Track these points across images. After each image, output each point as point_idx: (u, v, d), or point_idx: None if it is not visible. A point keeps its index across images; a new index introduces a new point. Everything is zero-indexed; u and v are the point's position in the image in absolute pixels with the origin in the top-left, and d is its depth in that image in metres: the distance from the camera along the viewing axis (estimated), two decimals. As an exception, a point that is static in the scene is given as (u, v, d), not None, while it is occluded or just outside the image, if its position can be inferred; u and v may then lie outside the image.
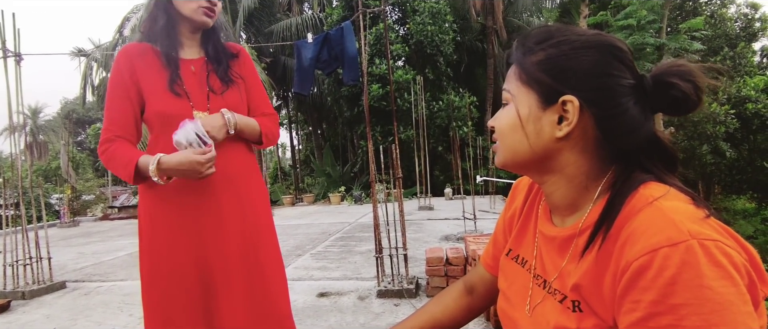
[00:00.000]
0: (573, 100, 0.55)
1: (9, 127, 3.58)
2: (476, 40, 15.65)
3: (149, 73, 1.22)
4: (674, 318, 0.44)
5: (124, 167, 1.15)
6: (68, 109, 32.58)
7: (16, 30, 3.53)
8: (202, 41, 1.32)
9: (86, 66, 17.11)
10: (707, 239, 0.45)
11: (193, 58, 1.29)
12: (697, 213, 0.49)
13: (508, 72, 0.64)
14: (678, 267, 0.45)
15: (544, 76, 0.57)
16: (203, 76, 1.27)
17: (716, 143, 10.57)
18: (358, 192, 11.79)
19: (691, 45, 8.44)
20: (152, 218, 1.20)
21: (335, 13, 12.69)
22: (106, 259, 4.96)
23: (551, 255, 0.63)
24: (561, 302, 0.58)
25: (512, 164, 0.63)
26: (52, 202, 14.71)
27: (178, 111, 1.19)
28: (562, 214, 0.63)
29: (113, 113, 1.21)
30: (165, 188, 1.16)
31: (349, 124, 13.87)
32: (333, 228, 6.53)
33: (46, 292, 3.41)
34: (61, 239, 7.24)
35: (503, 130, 0.63)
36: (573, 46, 0.57)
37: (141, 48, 1.25)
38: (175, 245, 1.19)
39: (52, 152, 23.60)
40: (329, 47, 3.72)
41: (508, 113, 0.62)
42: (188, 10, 1.23)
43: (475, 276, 0.86)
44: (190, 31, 1.28)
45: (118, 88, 1.21)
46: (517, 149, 0.61)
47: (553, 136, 0.57)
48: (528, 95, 0.59)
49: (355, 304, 2.74)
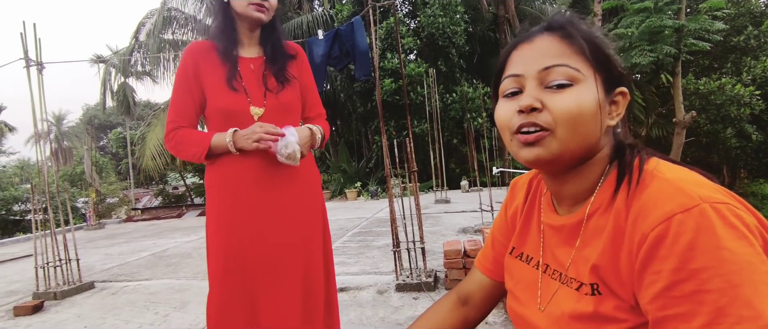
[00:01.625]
0: (626, 92, 0.58)
1: (34, 134, 3.70)
2: (488, 30, 15.46)
3: (211, 70, 1.30)
4: (697, 283, 0.44)
5: (197, 145, 1.25)
6: (90, 114, 33.43)
7: (38, 40, 3.64)
8: (261, 40, 1.37)
9: (105, 72, 17.52)
10: (718, 202, 0.46)
11: (252, 57, 1.35)
12: (700, 178, 0.51)
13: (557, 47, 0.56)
14: (694, 231, 0.45)
15: (613, 64, 0.57)
16: (260, 74, 1.33)
17: (741, 126, 10.24)
18: (374, 187, 11.82)
19: (713, 25, 8.14)
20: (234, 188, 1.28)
21: (345, 9, 12.68)
22: (131, 259, 5.11)
23: (561, 245, 0.63)
24: (578, 289, 0.57)
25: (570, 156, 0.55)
26: (78, 205, 15.18)
27: (236, 107, 1.27)
28: (569, 204, 0.63)
29: (178, 106, 1.30)
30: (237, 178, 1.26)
31: (363, 119, 13.90)
32: (350, 224, 6.57)
33: (76, 292, 3.53)
34: (88, 241, 7.47)
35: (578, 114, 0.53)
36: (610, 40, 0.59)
37: (206, 46, 1.32)
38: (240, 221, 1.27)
39: (76, 157, 24.29)
40: (340, 43, 3.73)
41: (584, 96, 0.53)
42: (240, 7, 1.28)
43: (471, 284, 0.81)
44: (248, 30, 1.34)
45: (182, 84, 1.30)
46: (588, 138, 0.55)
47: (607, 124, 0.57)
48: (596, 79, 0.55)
49: (375, 298, 2.76)
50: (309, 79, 1.46)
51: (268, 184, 1.29)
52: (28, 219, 15.26)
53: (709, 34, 8.36)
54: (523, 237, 0.73)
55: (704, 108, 10.14)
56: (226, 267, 1.27)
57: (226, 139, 1.22)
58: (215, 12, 1.34)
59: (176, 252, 5.36)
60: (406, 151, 3.07)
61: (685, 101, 9.18)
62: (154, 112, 14.16)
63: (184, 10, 13.32)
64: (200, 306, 2.94)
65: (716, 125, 10.23)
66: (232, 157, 1.26)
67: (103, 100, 18.15)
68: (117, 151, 25.33)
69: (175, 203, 17.34)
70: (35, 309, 3.10)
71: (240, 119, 1.26)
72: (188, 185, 18.31)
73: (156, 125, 12.59)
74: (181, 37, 13.74)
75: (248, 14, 1.28)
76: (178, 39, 13.72)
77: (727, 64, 11.45)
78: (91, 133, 24.46)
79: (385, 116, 11.18)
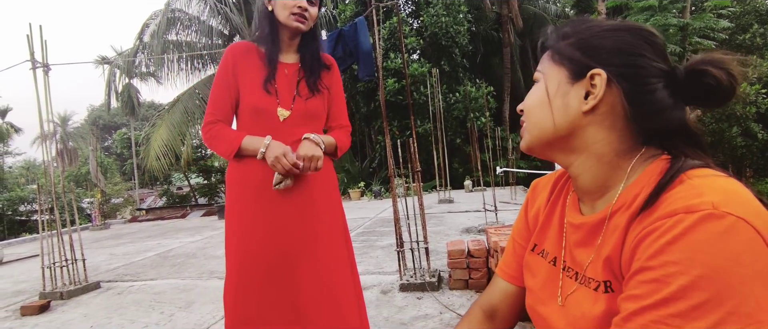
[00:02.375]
0: (601, 72, 0.56)
1: (40, 135, 3.73)
2: (491, 29, 15.43)
3: (249, 70, 1.39)
4: (661, 274, 0.45)
5: (229, 143, 1.34)
6: (95, 115, 33.63)
7: (44, 42, 3.67)
8: (300, 47, 1.46)
9: (110, 73, 17.64)
10: (731, 214, 0.44)
11: (289, 63, 1.44)
12: (742, 196, 0.47)
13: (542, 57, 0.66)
14: (684, 230, 0.45)
15: (575, 52, 0.59)
16: (294, 80, 1.42)
17: (747, 125, 10.17)
18: (377, 187, 11.83)
19: (718, 23, 8.09)
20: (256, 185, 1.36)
21: (348, 9, 12.70)
22: (137, 259, 5.14)
23: (581, 245, 0.62)
24: (596, 290, 0.57)
25: (538, 143, 0.63)
26: (84, 206, 15.27)
27: (266, 106, 1.36)
28: (592, 198, 0.62)
29: (216, 101, 1.40)
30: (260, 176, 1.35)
31: (366, 119, 13.90)
32: (354, 224, 6.58)
33: (82, 292, 3.55)
34: (94, 241, 7.52)
35: (531, 107, 0.63)
36: (605, 28, 0.59)
37: (246, 47, 1.42)
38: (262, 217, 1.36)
39: (81, 157, 24.44)
40: (343, 43, 3.72)
41: (536, 90, 0.63)
42: (283, 17, 1.37)
43: (495, 295, 0.79)
44: (289, 37, 1.43)
45: (222, 80, 1.40)
46: (544, 126, 0.61)
47: (580, 110, 0.58)
48: (558, 72, 0.61)
49: (378, 298, 2.77)
50: (338, 92, 1.55)
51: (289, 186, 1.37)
52: (35, 219, 15.37)
53: (715, 33, 8.31)
54: (543, 233, 0.72)
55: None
56: (243, 261, 1.34)
57: (261, 148, 1.30)
58: (260, 19, 1.43)
59: (181, 252, 5.38)
60: (410, 151, 3.08)
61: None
62: (159, 113, 14.21)
63: (188, 12, 13.37)
64: (205, 305, 2.96)
65: (722, 124, 10.17)
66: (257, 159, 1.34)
67: (107, 101, 18.29)
68: (122, 151, 25.48)
69: (179, 203, 17.41)
70: (42, 309, 3.13)
71: (267, 118, 1.36)
72: (192, 186, 18.37)
73: (160, 126, 12.63)
74: (185, 39, 13.79)
75: (289, 24, 1.36)
76: (182, 40, 13.77)
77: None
78: (96, 134, 24.62)
79: (388, 116, 11.18)
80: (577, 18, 0.63)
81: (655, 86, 0.55)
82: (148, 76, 18.16)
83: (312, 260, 1.37)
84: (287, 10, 1.35)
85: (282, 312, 1.35)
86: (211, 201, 16.73)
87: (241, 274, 1.35)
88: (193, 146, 15.92)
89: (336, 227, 1.47)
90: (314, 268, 1.37)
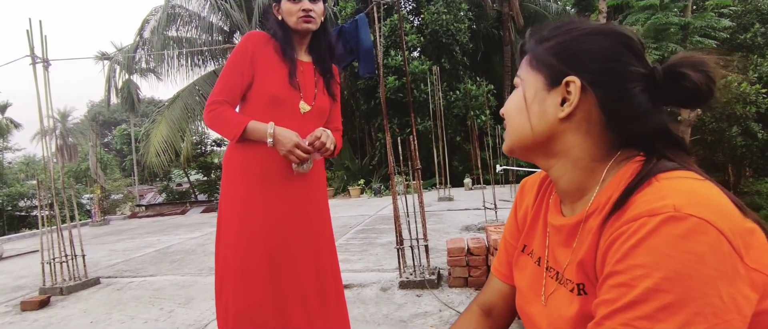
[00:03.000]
0: (575, 80, 0.56)
1: (40, 131, 3.73)
2: (492, 27, 15.39)
3: (270, 62, 1.45)
4: (629, 277, 0.46)
5: (234, 126, 1.37)
6: (94, 111, 33.58)
7: (44, 37, 3.66)
8: (310, 46, 1.54)
9: (110, 69, 17.60)
10: (692, 215, 0.45)
11: (304, 60, 1.52)
12: (707, 197, 0.47)
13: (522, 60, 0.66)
14: (647, 233, 0.46)
15: (552, 59, 0.59)
16: (312, 77, 1.51)
17: (747, 124, 10.16)
18: (377, 185, 11.83)
19: (719, 22, 8.07)
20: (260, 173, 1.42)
21: (349, 6, 12.66)
22: (136, 256, 5.14)
23: (561, 246, 0.63)
24: (571, 291, 0.58)
25: (518, 147, 0.65)
26: (84, 202, 15.27)
27: (289, 98, 1.43)
28: (572, 200, 0.63)
29: (226, 83, 1.43)
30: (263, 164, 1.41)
31: (367, 117, 13.89)
32: (353, 221, 6.58)
33: (81, 288, 3.56)
34: (93, 237, 7.52)
35: (510, 112, 0.65)
36: (582, 32, 0.59)
37: (266, 38, 1.48)
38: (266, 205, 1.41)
39: (81, 154, 24.42)
40: (344, 41, 3.71)
41: (515, 96, 0.65)
42: (292, 22, 1.45)
43: (491, 294, 0.81)
44: (300, 38, 1.51)
45: (237, 63, 1.43)
46: (522, 131, 0.62)
47: (556, 117, 0.59)
48: (536, 78, 0.61)
49: (378, 295, 2.77)
50: (339, 94, 1.64)
51: (290, 175, 1.43)
52: (34, 215, 15.37)
53: (716, 32, 8.29)
54: (531, 234, 0.74)
55: (709, 106, 10.06)
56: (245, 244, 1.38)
57: (268, 133, 1.34)
58: (274, 28, 1.50)
59: (180, 249, 5.39)
60: (410, 148, 3.08)
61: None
62: (159, 109, 14.20)
63: (188, 7, 13.33)
64: (205, 302, 2.96)
65: (721, 123, 10.16)
66: (261, 144, 1.37)
67: (107, 97, 18.26)
68: (121, 148, 25.47)
69: (179, 199, 17.42)
70: (42, 304, 3.13)
71: (287, 109, 1.43)
72: (192, 182, 18.37)
73: (160, 122, 12.62)
74: (185, 35, 13.76)
75: (299, 27, 1.44)
76: (182, 36, 13.74)
77: (733, 62, 11.36)
78: (96, 130, 24.58)
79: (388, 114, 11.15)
80: (558, 21, 0.63)
81: (632, 92, 0.55)
82: (148, 72, 18.13)
83: (313, 250, 1.46)
84: (294, 15, 1.43)
85: (289, 296, 1.39)
86: (211, 198, 16.73)
87: (245, 259, 1.37)
88: (193, 142, 15.91)
89: (327, 223, 1.56)
90: (315, 258, 1.45)
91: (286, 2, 1.44)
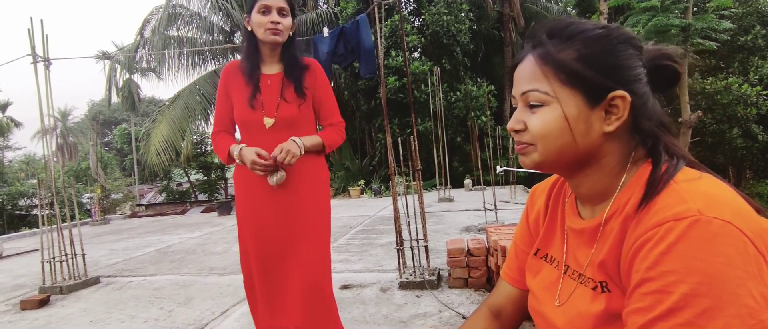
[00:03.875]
0: (625, 95, 0.56)
1: (41, 130, 3.73)
2: (493, 28, 15.39)
3: (237, 88, 1.59)
4: (662, 284, 0.46)
5: (222, 152, 1.60)
6: (95, 111, 33.60)
7: (45, 36, 3.66)
8: (281, 57, 1.62)
9: (111, 68, 17.62)
10: (716, 218, 0.46)
11: (272, 73, 1.61)
12: (727, 199, 0.49)
13: (532, 70, 0.60)
14: (676, 238, 0.46)
15: (593, 74, 0.57)
16: (278, 88, 1.58)
17: (747, 126, 10.16)
18: (377, 185, 11.83)
19: (720, 24, 8.06)
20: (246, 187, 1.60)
21: (350, 7, 12.66)
22: (136, 255, 5.14)
23: (582, 247, 0.64)
24: (594, 289, 0.59)
25: (553, 165, 0.62)
26: (84, 201, 15.27)
27: (251, 119, 1.56)
28: (592, 203, 0.64)
29: (218, 114, 1.66)
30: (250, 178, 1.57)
31: (367, 117, 13.89)
32: (354, 221, 6.58)
33: (81, 287, 3.56)
34: (93, 236, 7.52)
35: (547, 134, 0.59)
36: (610, 42, 0.58)
37: (236, 66, 1.63)
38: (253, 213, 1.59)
39: (81, 153, 24.43)
40: (345, 41, 3.72)
41: (551, 116, 0.59)
42: (260, 34, 1.53)
43: (500, 297, 0.83)
44: (270, 50, 1.59)
45: (219, 96, 1.65)
46: (566, 151, 0.59)
47: (601, 132, 0.58)
48: (573, 95, 0.58)
49: (378, 296, 2.77)
50: (325, 91, 1.68)
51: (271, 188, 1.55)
52: (34, 214, 15.38)
53: (716, 34, 8.29)
54: (548, 239, 0.74)
55: (710, 108, 10.06)
56: (245, 248, 1.62)
57: (235, 155, 1.54)
58: (244, 39, 1.62)
59: (180, 248, 5.39)
60: (410, 149, 3.07)
61: (691, 100, 9.12)
62: (159, 108, 14.19)
63: (189, 7, 13.33)
64: (204, 301, 2.96)
65: (722, 125, 10.16)
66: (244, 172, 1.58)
67: (108, 96, 18.28)
68: (122, 147, 25.48)
69: (179, 199, 17.42)
70: (42, 303, 3.13)
71: (255, 128, 1.57)
72: (192, 182, 18.38)
73: (161, 122, 12.62)
74: (186, 34, 13.76)
75: (265, 38, 1.53)
76: (182, 36, 13.75)
77: (733, 64, 11.35)
78: (96, 129, 24.59)
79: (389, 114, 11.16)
80: (560, 21, 0.61)
81: (648, 93, 0.58)
82: (148, 71, 18.14)
83: (295, 258, 1.56)
84: (262, 27, 1.52)
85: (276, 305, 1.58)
86: (211, 197, 16.75)
87: (245, 265, 1.64)
88: (193, 142, 15.92)
89: (316, 228, 1.61)
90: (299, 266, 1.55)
91: (257, 14, 1.53)
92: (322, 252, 1.61)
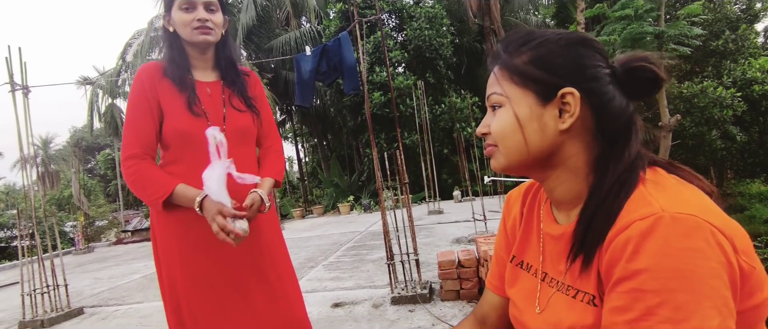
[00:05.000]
0: (573, 91, 0.58)
1: (21, 159, 3.65)
2: (474, 41, 15.70)
3: (169, 91, 1.26)
4: (636, 282, 0.47)
5: (158, 188, 1.17)
6: (77, 137, 33.05)
7: (23, 63, 3.61)
8: (216, 62, 1.35)
9: (92, 94, 17.42)
10: (680, 213, 0.47)
11: (208, 81, 1.32)
12: (687, 195, 0.51)
13: (493, 77, 0.64)
14: (643, 236, 0.47)
15: (541, 73, 0.59)
16: (219, 98, 1.31)
17: (725, 128, 10.43)
18: (366, 201, 11.80)
19: (692, 31, 8.34)
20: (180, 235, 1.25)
21: (333, 25, 12.81)
22: (122, 283, 5.01)
23: (559, 253, 0.64)
24: (574, 297, 0.59)
25: (517, 165, 0.63)
26: (67, 230, 14.88)
27: (196, 130, 1.22)
28: (568, 208, 0.64)
29: (136, 129, 1.23)
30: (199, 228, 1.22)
31: (354, 133, 13.94)
32: (344, 238, 6.53)
33: (64, 319, 3.44)
34: (77, 265, 7.32)
35: (503, 133, 0.62)
36: (559, 43, 0.60)
37: (158, 67, 1.29)
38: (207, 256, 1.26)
39: (63, 180, 23.91)
40: (328, 58, 3.75)
41: (505, 116, 0.62)
42: (186, 34, 1.26)
43: (485, 305, 0.84)
44: (200, 53, 1.31)
45: (140, 103, 1.23)
46: (522, 150, 0.61)
47: (557, 130, 0.59)
48: (524, 95, 0.60)
49: (370, 312, 2.74)
50: (263, 104, 1.41)
51: None
52: (14, 246, 14.92)
53: (689, 40, 8.56)
54: (523, 246, 0.74)
55: (688, 111, 10.33)
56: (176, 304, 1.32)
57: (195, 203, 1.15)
58: (164, 42, 1.32)
59: (167, 274, 5.26)
60: (397, 163, 3.08)
61: (669, 104, 9.34)
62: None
63: (171, 30, 13.32)
64: None
65: (701, 128, 10.41)
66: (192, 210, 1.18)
67: (90, 122, 18.00)
68: (105, 173, 25.01)
69: (165, 223, 17.06)
70: (22, 338, 3.02)
71: (197, 142, 1.20)
72: (179, 205, 18.06)
73: (145, 146, 12.45)
74: (169, 57, 13.70)
75: (193, 39, 1.25)
76: (166, 59, 13.68)
77: (707, 68, 11.71)
78: (79, 155, 24.15)
79: (375, 129, 11.22)
80: (518, 31, 0.65)
81: (613, 93, 0.58)
82: (131, 95, 17.90)
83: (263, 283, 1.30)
84: (188, 26, 1.24)
85: None
86: (199, 220, 16.45)
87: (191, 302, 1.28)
88: (179, 164, 15.69)
89: (286, 253, 1.42)
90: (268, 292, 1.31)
91: (178, 11, 1.25)
92: (296, 282, 1.42)
